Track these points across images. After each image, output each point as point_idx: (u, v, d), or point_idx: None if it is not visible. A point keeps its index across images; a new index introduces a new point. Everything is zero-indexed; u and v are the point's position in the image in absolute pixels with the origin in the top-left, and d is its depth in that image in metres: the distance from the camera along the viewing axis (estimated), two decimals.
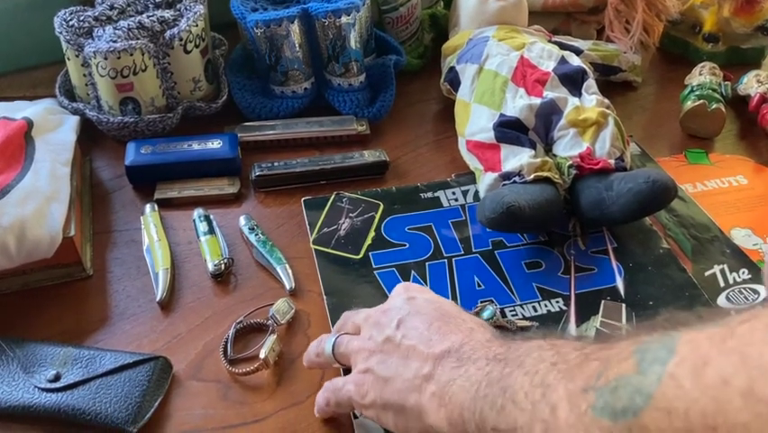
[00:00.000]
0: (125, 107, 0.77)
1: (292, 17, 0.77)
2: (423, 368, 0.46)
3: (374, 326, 0.50)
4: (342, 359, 0.53)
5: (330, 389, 0.52)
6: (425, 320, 0.48)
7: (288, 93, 0.82)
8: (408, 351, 0.47)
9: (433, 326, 0.48)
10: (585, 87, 0.75)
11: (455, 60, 0.81)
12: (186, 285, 0.65)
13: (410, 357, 0.47)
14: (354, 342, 0.51)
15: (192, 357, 0.59)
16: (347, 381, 0.50)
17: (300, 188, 0.75)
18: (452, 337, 0.46)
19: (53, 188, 0.64)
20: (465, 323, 0.48)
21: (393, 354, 0.48)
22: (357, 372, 0.50)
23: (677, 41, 0.97)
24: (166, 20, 0.77)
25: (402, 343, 0.48)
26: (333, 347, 0.53)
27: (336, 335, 0.54)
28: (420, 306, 0.50)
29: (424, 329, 0.48)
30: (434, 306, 0.50)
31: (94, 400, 0.54)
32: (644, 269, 0.67)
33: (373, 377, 0.48)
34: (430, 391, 0.45)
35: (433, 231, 0.70)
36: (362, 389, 0.49)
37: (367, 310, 0.53)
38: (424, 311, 0.49)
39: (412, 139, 0.83)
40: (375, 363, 0.48)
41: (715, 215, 0.72)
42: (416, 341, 0.47)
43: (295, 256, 0.67)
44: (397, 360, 0.47)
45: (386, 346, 0.48)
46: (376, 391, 0.48)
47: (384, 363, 0.48)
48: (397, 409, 0.47)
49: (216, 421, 0.55)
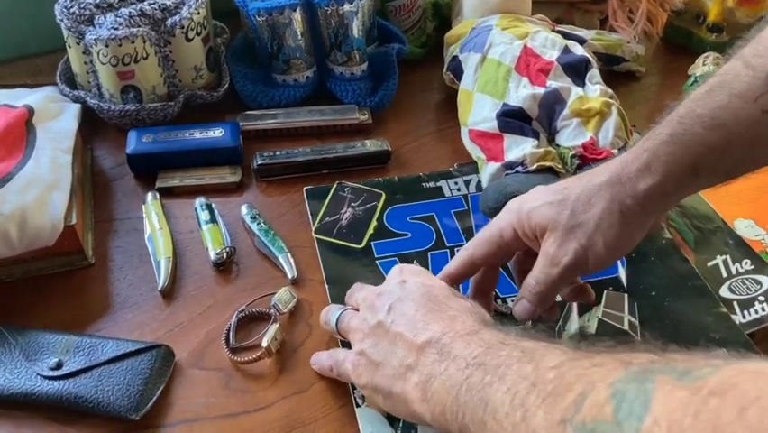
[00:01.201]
0: (126, 95, 0.76)
1: (294, 5, 0.77)
2: (407, 358, 0.47)
3: (369, 308, 0.52)
4: (343, 333, 0.55)
5: (333, 359, 0.55)
6: (413, 306, 0.49)
7: (290, 82, 0.82)
8: (396, 338, 0.48)
9: (419, 312, 0.49)
10: (588, 77, 0.75)
11: (458, 49, 0.80)
12: (187, 274, 0.65)
13: (397, 344, 0.48)
14: (353, 321, 0.53)
15: (194, 346, 0.59)
16: (347, 358, 0.53)
17: (302, 178, 0.75)
18: (434, 327, 0.47)
19: (55, 176, 0.64)
20: (450, 309, 0.49)
21: (383, 339, 0.49)
22: (354, 352, 0.52)
23: (681, 30, 0.96)
24: (167, 7, 0.76)
25: (391, 329, 0.49)
26: (337, 321, 0.55)
27: (341, 309, 0.56)
28: (410, 290, 0.51)
29: (411, 316, 0.49)
30: (423, 290, 0.51)
31: (96, 387, 0.54)
32: (647, 259, 0.67)
33: (366, 360, 0.50)
34: (413, 382, 0.46)
35: (435, 220, 0.70)
36: (357, 370, 0.51)
37: (366, 290, 0.55)
38: (413, 296, 0.50)
39: (414, 128, 0.83)
40: (368, 346, 0.50)
41: (718, 205, 0.72)
42: (402, 328, 0.48)
43: (297, 245, 0.67)
44: (387, 346, 0.49)
45: (377, 330, 0.50)
46: (368, 374, 0.50)
47: (375, 348, 0.50)
48: (386, 394, 0.49)
49: (218, 410, 0.55)
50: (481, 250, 0.56)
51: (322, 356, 0.57)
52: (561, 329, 0.61)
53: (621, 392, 0.34)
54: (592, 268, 0.53)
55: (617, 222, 0.51)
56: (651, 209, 0.52)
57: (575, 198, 0.53)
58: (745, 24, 0.93)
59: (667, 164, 0.50)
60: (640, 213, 0.51)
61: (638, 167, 0.51)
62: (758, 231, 0.70)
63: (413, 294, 0.51)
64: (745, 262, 0.66)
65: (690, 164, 0.50)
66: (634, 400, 0.33)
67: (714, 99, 0.49)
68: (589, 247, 0.52)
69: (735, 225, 0.70)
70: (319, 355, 0.57)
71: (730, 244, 0.68)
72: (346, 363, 0.52)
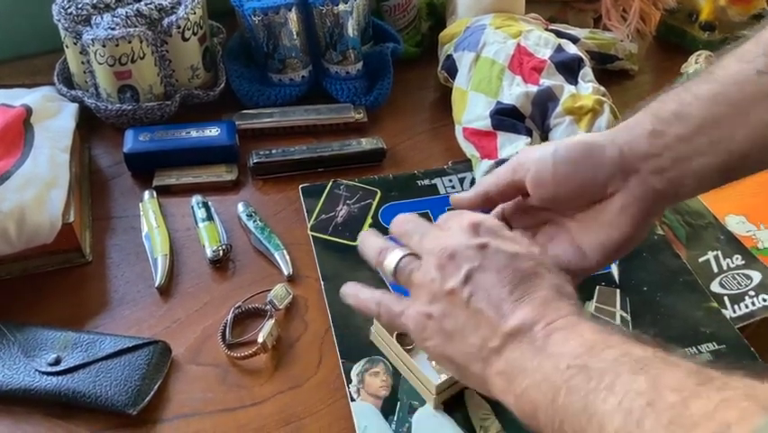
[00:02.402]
0: (124, 95, 0.77)
1: (290, 5, 0.77)
2: (491, 340, 0.43)
3: (439, 268, 0.46)
4: (401, 282, 0.49)
5: (385, 308, 0.49)
6: (497, 280, 0.44)
7: (286, 81, 0.83)
8: (476, 314, 0.44)
9: (505, 288, 0.44)
10: (581, 75, 0.75)
11: (452, 48, 0.81)
12: (184, 271, 0.66)
13: (479, 322, 0.44)
14: (417, 275, 0.47)
15: (191, 342, 0.60)
16: (406, 311, 0.47)
17: (298, 176, 0.76)
18: (525, 311, 0.43)
19: (53, 175, 0.64)
20: (540, 288, 0.44)
21: (460, 310, 0.45)
22: (417, 311, 0.47)
23: (674, 29, 0.97)
24: (164, 7, 0.77)
25: (470, 303, 0.44)
26: (396, 269, 0.49)
27: (403, 254, 0.49)
28: (493, 259, 0.45)
29: (495, 292, 0.44)
30: (507, 260, 0.45)
31: (94, 383, 0.54)
32: (639, 255, 0.67)
33: (437, 326, 0.46)
34: (498, 369, 0.43)
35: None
36: (424, 333, 0.46)
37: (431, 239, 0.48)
38: (496, 267, 0.45)
39: (409, 127, 0.83)
40: (438, 312, 0.45)
41: (709, 202, 0.73)
42: (485, 304, 0.44)
43: (293, 242, 0.68)
44: (465, 319, 0.44)
45: (452, 298, 0.45)
46: (438, 341, 0.46)
47: (449, 318, 0.45)
48: (459, 366, 0.45)
49: (215, 404, 0.56)
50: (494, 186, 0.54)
51: (365, 295, 0.51)
52: None
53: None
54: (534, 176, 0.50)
55: (579, 137, 0.51)
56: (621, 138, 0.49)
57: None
58: (737, 23, 0.94)
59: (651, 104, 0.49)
60: (607, 137, 0.49)
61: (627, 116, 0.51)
62: (749, 227, 0.71)
63: (496, 264, 0.45)
64: (735, 258, 0.67)
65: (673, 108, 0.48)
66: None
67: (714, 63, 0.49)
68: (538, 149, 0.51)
69: (726, 221, 0.71)
70: (360, 292, 0.52)
71: (721, 239, 0.69)
72: (406, 318, 0.47)
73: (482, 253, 0.46)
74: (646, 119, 0.49)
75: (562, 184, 0.50)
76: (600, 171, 0.49)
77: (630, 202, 0.49)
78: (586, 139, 0.50)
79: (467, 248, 0.46)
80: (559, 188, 0.51)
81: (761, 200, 0.74)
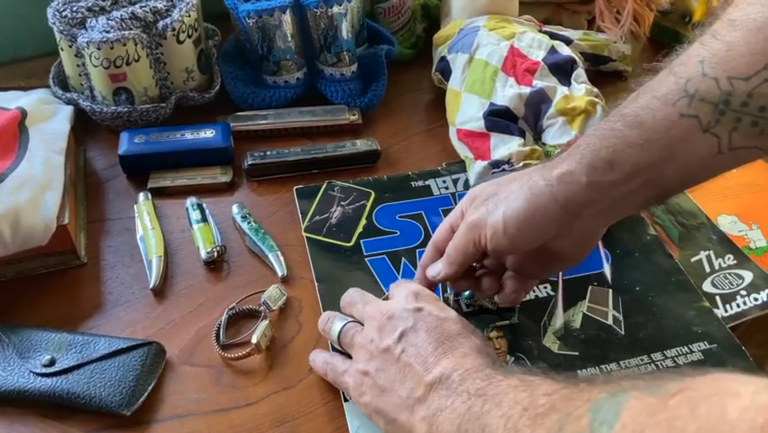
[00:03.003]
0: (119, 97, 0.77)
1: (284, 7, 0.78)
2: (416, 390, 0.48)
3: (378, 329, 0.52)
4: (345, 347, 0.55)
5: (331, 367, 0.55)
6: (426, 338, 0.50)
7: (281, 83, 0.83)
8: (405, 368, 0.49)
9: (431, 345, 0.49)
10: (574, 77, 0.76)
11: (446, 50, 0.81)
12: (179, 272, 0.66)
13: (407, 375, 0.49)
14: (358, 337, 0.54)
15: (185, 343, 0.60)
16: (348, 371, 0.53)
17: (292, 177, 0.76)
18: (445, 363, 0.48)
19: (47, 177, 0.65)
20: (462, 346, 0.49)
21: (391, 365, 0.50)
22: (357, 370, 0.52)
23: (667, 30, 0.97)
24: (159, 10, 0.77)
25: (401, 358, 0.50)
26: (340, 334, 0.55)
27: (344, 321, 0.56)
28: (424, 320, 0.51)
29: (423, 349, 0.49)
30: (437, 322, 0.51)
31: (88, 384, 0.55)
32: (632, 255, 0.68)
33: (371, 382, 0.51)
34: (420, 415, 0.47)
35: (423, 219, 0.71)
36: (360, 389, 0.51)
37: (373, 306, 0.55)
38: (426, 327, 0.51)
39: (403, 128, 0.84)
40: (374, 369, 0.51)
41: (702, 202, 0.73)
42: (413, 359, 0.49)
43: (287, 244, 0.68)
44: (395, 374, 0.49)
45: (385, 355, 0.50)
46: (372, 396, 0.51)
47: (382, 373, 0.50)
48: (389, 420, 0.50)
49: (209, 405, 0.56)
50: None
51: (318, 358, 0.57)
52: (546, 324, 0.62)
53: (597, 406, 0.36)
54: (490, 240, 0.54)
55: (522, 197, 0.53)
56: (561, 195, 0.52)
57: (506, 179, 0.56)
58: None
59: (584, 152, 0.52)
60: (548, 195, 0.52)
61: (562, 156, 0.54)
62: (741, 227, 0.71)
63: (426, 325, 0.51)
64: (727, 258, 0.67)
65: (606, 156, 0.51)
66: (608, 411, 0.35)
67: (638, 100, 0.51)
68: (489, 213, 0.54)
69: (718, 221, 0.72)
70: (317, 356, 0.57)
71: (713, 239, 0.69)
72: (346, 377, 0.53)
73: (416, 316, 0.51)
74: (582, 171, 0.51)
75: (516, 243, 0.54)
76: (548, 227, 0.53)
77: (579, 240, 0.55)
78: (528, 203, 0.53)
79: (404, 310, 0.52)
80: (515, 246, 0.55)
81: (753, 200, 0.74)
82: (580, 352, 0.60)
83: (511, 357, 0.59)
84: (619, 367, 0.58)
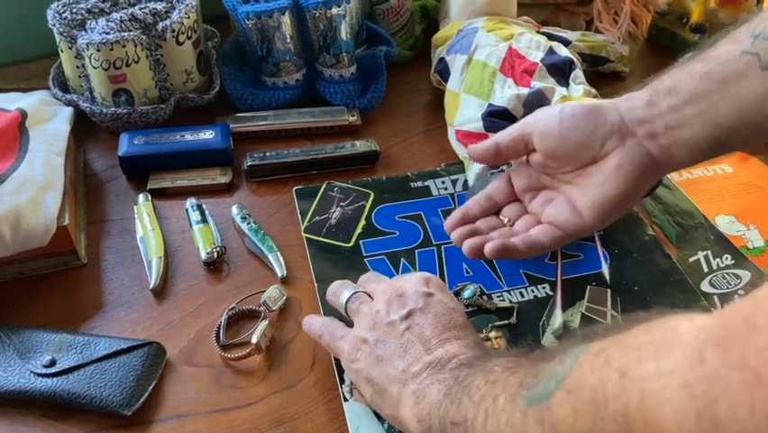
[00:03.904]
0: (118, 99, 0.78)
1: (283, 9, 0.78)
2: (413, 366, 0.49)
3: (386, 303, 0.53)
4: (350, 313, 0.56)
5: (329, 330, 0.56)
6: (432, 322, 0.51)
7: (280, 84, 0.83)
8: (407, 344, 0.50)
9: (436, 329, 0.50)
10: (572, 78, 0.76)
11: (445, 51, 0.82)
12: (179, 273, 0.66)
13: (407, 351, 0.50)
14: (365, 306, 0.55)
15: (185, 343, 0.60)
16: (344, 336, 0.54)
17: (292, 178, 0.76)
18: (448, 347, 0.49)
19: (48, 178, 0.65)
20: (465, 337, 0.51)
21: (393, 339, 0.51)
22: (355, 336, 0.53)
23: (665, 31, 0.98)
24: (158, 12, 0.78)
25: (405, 334, 0.51)
26: (348, 300, 0.56)
27: (354, 290, 0.57)
28: (434, 306, 0.52)
29: (428, 332, 0.50)
30: (445, 310, 0.52)
31: (89, 384, 0.55)
32: (630, 255, 0.68)
33: (369, 350, 0.51)
34: (411, 389, 0.48)
35: (422, 219, 0.71)
36: (355, 354, 0.52)
37: (386, 283, 0.56)
38: (435, 312, 0.52)
39: (402, 129, 0.84)
40: (374, 338, 0.51)
41: (699, 202, 0.73)
42: (417, 338, 0.50)
43: (286, 244, 0.68)
44: (395, 347, 0.50)
45: (389, 328, 0.51)
46: (366, 363, 0.51)
47: (382, 344, 0.51)
48: (378, 390, 0.51)
49: (209, 405, 0.56)
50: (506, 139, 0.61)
51: (315, 321, 0.58)
52: (545, 324, 0.62)
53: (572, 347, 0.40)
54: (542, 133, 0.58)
55: (577, 108, 0.57)
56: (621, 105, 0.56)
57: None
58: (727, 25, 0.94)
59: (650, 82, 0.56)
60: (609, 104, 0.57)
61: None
62: (739, 227, 0.71)
63: (435, 310, 0.52)
64: (725, 258, 0.68)
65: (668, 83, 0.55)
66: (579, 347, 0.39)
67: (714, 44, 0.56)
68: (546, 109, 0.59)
69: (716, 221, 0.72)
70: (313, 319, 0.58)
71: (711, 239, 0.70)
72: (342, 342, 0.54)
73: (426, 300, 0.53)
74: (645, 92, 0.56)
75: (565, 138, 0.57)
76: (601, 129, 0.56)
77: (625, 161, 0.56)
78: (590, 102, 0.57)
79: (415, 292, 0.53)
80: (563, 142, 0.57)
81: (750, 200, 0.74)
82: None
83: None
84: None
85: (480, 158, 0.64)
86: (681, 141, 0.54)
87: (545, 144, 0.59)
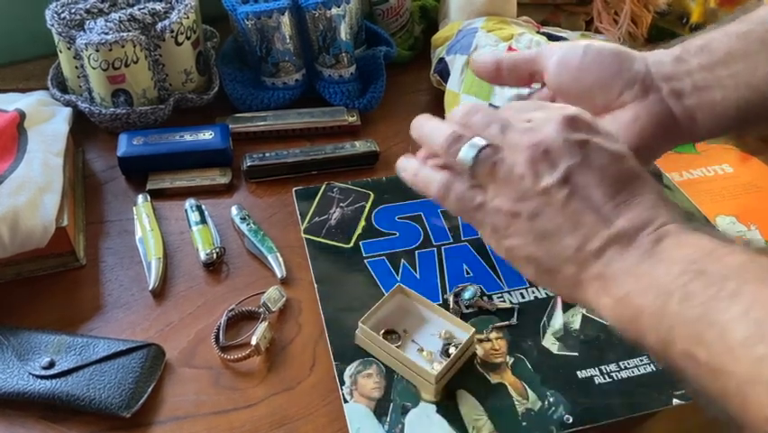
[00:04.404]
0: (117, 99, 0.77)
1: (282, 9, 0.78)
2: (591, 242, 0.40)
3: (529, 164, 0.42)
4: (481, 175, 0.44)
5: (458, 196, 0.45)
6: (599, 180, 0.41)
7: (279, 84, 0.83)
8: (575, 215, 0.41)
9: (608, 190, 0.41)
10: None
11: (445, 51, 0.82)
12: (178, 274, 0.66)
13: (577, 223, 0.41)
14: (502, 168, 0.43)
15: (184, 345, 0.60)
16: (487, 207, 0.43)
17: (291, 179, 0.76)
18: (632, 213, 0.40)
19: (46, 179, 0.65)
20: (646, 192, 0.41)
21: (554, 210, 0.41)
22: (498, 208, 0.43)
23: (665, 31, 0.97)
24: (157, 12, 0.77)
25: (568, 204, 0.41)
26: (477, 159, 0.43)
27: (482, 145, 0.43)
28: (595, 157, 0.41)
29: (596, 193, 0.41)
30: (611, 159, 0.42)
31: (88, 386, 0.54)
32: None
33: (525, 226, 0.42)
34: (595, 272, 0.40)
35: (422, 220, 0.71)
36: (506, 231, 0.43)
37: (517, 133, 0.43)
38: (598, 164, 0.41)
39: (402, 129, 0.83)
40: (527, 211, 0.42)
41: (700, 202, 0.73)
42: (585, 205, 0.41)
43: (286, 245, 0.68)
44: (561, 221, 0.41)
45: (544, 198, 0.41)
46: (525, 240, 0.42)
47: (541, 217, 0.41)
48: (546, 270, 0.42)
49: (209, 407, 0.56)
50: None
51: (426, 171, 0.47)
52: (546, 325, 0.62)
53: None
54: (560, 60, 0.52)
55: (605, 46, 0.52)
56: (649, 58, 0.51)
57: None
58: None
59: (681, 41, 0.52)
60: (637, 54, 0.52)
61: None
62: (739, 227, 0.71)
63: (598, 161, 0.41)
64: None
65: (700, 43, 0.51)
66: None
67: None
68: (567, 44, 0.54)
69: (717, 222, 0.72)
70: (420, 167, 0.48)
71: None
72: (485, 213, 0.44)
73: (582, 151, 0.42)
74: (675, 48, 0.52)
75: (584, 73, 0.51)
76: (624, 74, 0.50)
77: (644, 114, 0.50)
78: (619, 46, 0.53)
79: (565, 143, 0.42)
80: (580, 77, 0.51)
81: (751, 201, 0.74)
82: (579, 353, 0.60)
83: (511, 358, 0.59)
84: (618, 368, 0.58)
85: (477, 70, 0.56)
86: (709, 103, 0.49)
87: (559, 77, 0.52)
